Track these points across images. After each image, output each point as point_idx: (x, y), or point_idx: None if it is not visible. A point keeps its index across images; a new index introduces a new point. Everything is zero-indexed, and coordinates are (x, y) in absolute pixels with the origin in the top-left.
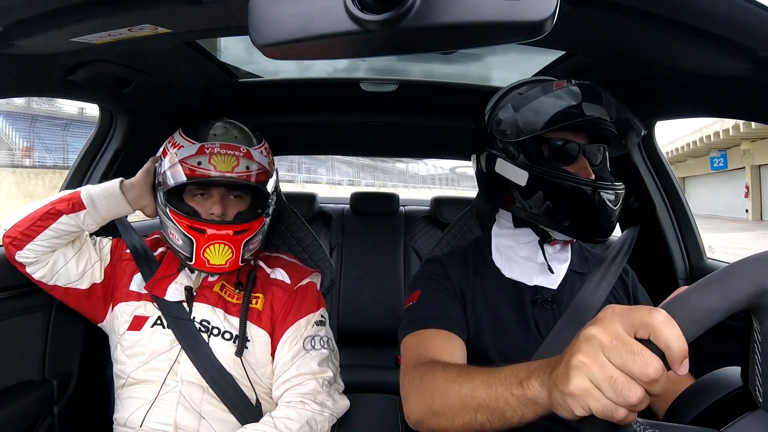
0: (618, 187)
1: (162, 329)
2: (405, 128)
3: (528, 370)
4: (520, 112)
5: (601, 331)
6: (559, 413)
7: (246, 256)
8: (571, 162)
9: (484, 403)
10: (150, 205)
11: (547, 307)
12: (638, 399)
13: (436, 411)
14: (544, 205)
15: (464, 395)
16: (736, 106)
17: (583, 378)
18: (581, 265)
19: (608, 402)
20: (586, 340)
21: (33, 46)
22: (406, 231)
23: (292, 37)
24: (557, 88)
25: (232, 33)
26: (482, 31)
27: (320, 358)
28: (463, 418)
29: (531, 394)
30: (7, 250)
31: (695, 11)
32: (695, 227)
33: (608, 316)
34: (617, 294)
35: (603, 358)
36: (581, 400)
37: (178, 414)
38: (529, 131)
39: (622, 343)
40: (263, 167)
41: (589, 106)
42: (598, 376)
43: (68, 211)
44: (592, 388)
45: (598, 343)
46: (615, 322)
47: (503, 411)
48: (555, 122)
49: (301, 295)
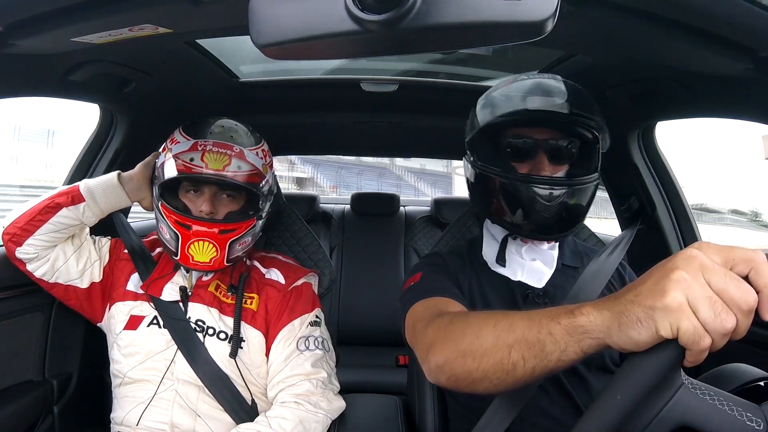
0: (560, 180)
1: (158, 329)
2: (405, 128)
3: (579, 304)
4: (478, 110)
5: (702, 254)
6: (623, 338)
7: (233, 256)
8: (524, 159)
9: (522, 337)
10: (147, 198)
11: (539, 301)
12: (731, 327)
13: (464, 350)
14: (486, 202)
15: (500, 330)
16: (737, 106)
17: (681, 292)
18: (574, 259)
19: (700, 324)
20: (686, 259)
21: (33, 46)
22: (407, 231)
23: (292, 37)
24: (508, 84)
25: (232, 33)
26: (483, 31)
27: (314, 359)
28: (494, 356)
29: (583, 320)
30: (7, 247)
31: (695, 11)
32: (695, 227)
33: (706, 245)
34: (613, 288)
35: (705, 278)
36: (674, 315)
37: (174, 413)
38: (471, 129)
39: (722, 269)
40: (256, 169)
41: (535, 100)
42: (698, 294)
43: (68, 204)
44: (687, 305)
45: (699, 263)
46: (716, 252)
47: (543, 344)
48: (498, 116)
49: (295, 296)
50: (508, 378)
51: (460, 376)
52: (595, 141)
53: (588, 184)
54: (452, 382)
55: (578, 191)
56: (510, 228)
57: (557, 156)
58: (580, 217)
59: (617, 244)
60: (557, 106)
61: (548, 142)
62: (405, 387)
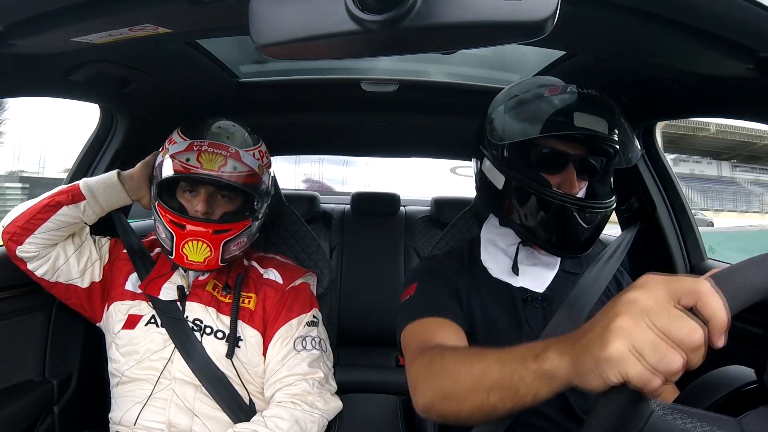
0: (595, 205)
1: (156, 328)
2: (405, 128)
3: (544, 344)
4: (509, 115)
5: (644, 294)
6: (583, 384)
7: (227, 256)
8: (555, 171)
9: (497, 382)
10: (146, 196)
11: (537, 305)
12: (679, 367)
13: (446, 394)
14: (513, 210)
15: (476, 375)
16: (737, 106)
17: (623, 341)
18: (574, 266)
19: (647, 368)
20: (627, 303)
21: (33, 46)
22: (407, 231)
23: (292, 37)
24: (550, 95)
25: (232, 33)
26: (483, 31)
27: (311, 359)
28: (475, 399)
29: (548, 366)
30: (8, 246)
31: (696, 11)
32: (695, 227)
33: (650, 282)
34: (611, 294)
35: (647, 321)
36: (619, 365)
37: (171, 412)
38: (510, 137)
39: (666, 308)
40: (252, 170)
41: (582, 117)
42: (640, 340)
43: (68, 202)
44: (632, 352)
45: (641, 306)
46: (659, 289)
47: (517, 388)
48: (544, 130)
49: (292, 296)
50: (492, 416)
51: (447, 417)
52: (618, 159)
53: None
54: (442, 420)
55: (607, 213)
56: (530, 238)
57: (584, 171)
58: (599, 235)
59: (616, 249)
60: (599, 125)
61: (582, 157)
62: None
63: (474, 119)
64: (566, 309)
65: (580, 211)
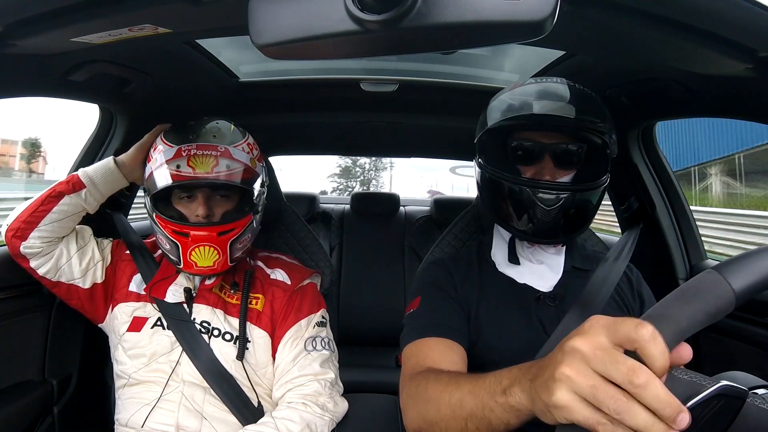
0: (553, 185)
1: (162, 330)
2: (405, 128)
3: (510, 377)
4: (486, 113)
5: (584, 342)
6: (544, 419)
7: (236, 255)
8: (530, 163)
9: (472, 413)
10: (141, 177)
11: (550, 303)
12: (621, 409)
13: (430, 421)
14: (492, 204)
15: (454, 405)
16: (736, 106)
17: (566, 390)
18: (584, 262)
19: (593, 413)
20: (568, 352)
21: (33, 46)
22: (406, 231)
23: (292, 37)
24: (514, 87)
25: (232, 33)
26: (482, 31)
27: (322, 359)
28: (456, 427)
29: (513, 401)
30: (12, 244)
31: (695, 11)
32: (695, 227)
33: (593, 327)
34: (622, 291)
35: (587, 368)
36: (565, 412)
37: (180, 415)
38: (479, 131)
39: (606, 354)
40: (245, 165)
41: (542, 104)
42: (582, 386)
43: (69, 191)
44: (575, 400)
45: (581, 354)
46: (600, 334)
47: (489, 419)
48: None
49: (301, 296)
50: None
51: None
52: (604, 146)
53: (593, 189)
54: None
55: (580, 195)
56: (514, 232)
57: (564, 160)
58: (583, 221)
59: (622, 248)
60: (564, 111)
61: (555, 146)
62: None
63: (474, 119)
64: (578, 308)
65: (544, 194)
